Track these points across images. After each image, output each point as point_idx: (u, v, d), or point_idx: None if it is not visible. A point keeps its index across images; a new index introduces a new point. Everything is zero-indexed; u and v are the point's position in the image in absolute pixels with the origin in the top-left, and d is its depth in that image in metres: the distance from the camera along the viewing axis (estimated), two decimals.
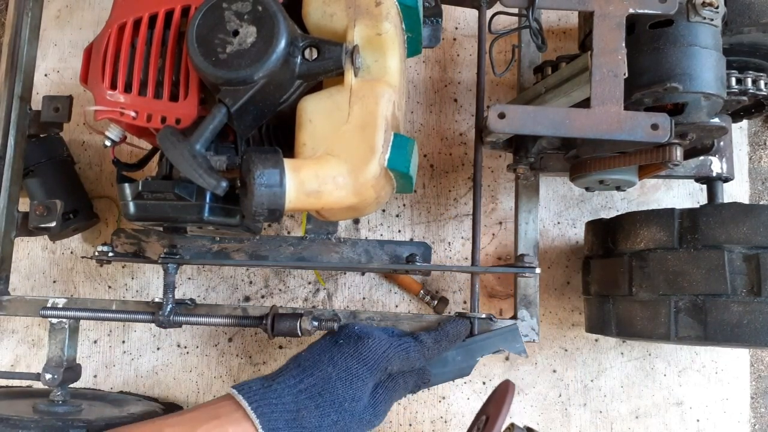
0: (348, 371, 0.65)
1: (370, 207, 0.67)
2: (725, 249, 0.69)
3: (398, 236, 0.96)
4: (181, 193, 0.64)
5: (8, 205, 0.80)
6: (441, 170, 0.97)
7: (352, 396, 0.64)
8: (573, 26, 0.98)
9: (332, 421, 0.63)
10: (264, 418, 0.61)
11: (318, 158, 0.61)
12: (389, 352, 0.67)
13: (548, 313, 0.94)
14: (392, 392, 0.68)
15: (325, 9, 0.65)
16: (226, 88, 0.61)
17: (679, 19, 0.69)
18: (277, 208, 0.58)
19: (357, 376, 0.65)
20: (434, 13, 0.81)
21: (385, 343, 0.68)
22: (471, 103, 0.98)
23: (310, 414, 0.63)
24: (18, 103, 0.83)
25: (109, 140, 0.69)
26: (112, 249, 0.80)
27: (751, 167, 0.98)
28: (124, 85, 0.65)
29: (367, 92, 0.63)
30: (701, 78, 0.68)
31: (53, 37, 1.03)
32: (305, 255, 0.80)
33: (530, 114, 0.67)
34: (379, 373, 0.67)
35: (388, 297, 0.95)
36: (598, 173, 0.78)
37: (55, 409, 0.76)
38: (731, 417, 0.90)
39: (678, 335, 0.70)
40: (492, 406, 0.70)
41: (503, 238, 0.95)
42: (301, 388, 0.64)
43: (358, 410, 0.65)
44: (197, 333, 0.95)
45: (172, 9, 0.65)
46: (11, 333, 0.97)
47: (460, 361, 0.74)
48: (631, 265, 0.74)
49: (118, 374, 0.95)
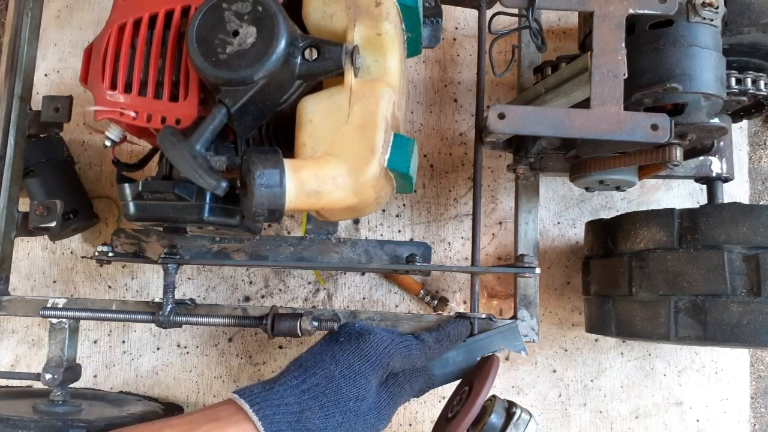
0: (351, 368, 0.64)
1: (370, 207, 0.67)
2: (725, 249, 0.69)
3: (398, 236, 0.96)
4: (181, 194, 0.64)
5: (8, 205, 0.80)
6: (441, 170, 0.97)
7: (356, 395, 0.64)
8: (573, 26, 0.98)
9: (337, 422, 0.62)
10: (266, 420, 0.60)
11: (318, 158, 0.61)
12: (391, 348, 0.67)
13: (548, 313, 0.94)
14: (397, 395, 0.68)
15: (325, 9, 0.65)
16: (226, 88, 0.61)
17: (679, 20, 0.69)
18: (277, 209, 0.58)
19: (360, 373, 0.64)
20: (434, 13, 0.81)
21: (387, 339, 0.67)
22: (471, 103, 0.98)
23: (314, 415, 0.62)
24: (18, 103, 0.83)
25: (109, 140, 0.69)
26: (112, 249, 0.80)
27: (751, 167, 0.98)
28: (124, 85, 0.65)
29: (367, 92, 0.63)
30: (701, 78, 0.68)
31: (53, 37, 1.03)
32: (305, 255, 0.80)
33: (530, 114, 0.67)
34: (382, 369, 0.66)
35: (388, 297, 0.95)
36: (598, 173, 0.78)
37: (55, 409, 0.76)
38: (731, 417, 0.90)
39: (678, 335, 0.70)
40: (476, 378, 0.70)
41: (503, 238, 0.96)
42: (304, 388, 0.63)
43: (362, 410, 0.64)
44: (197, 333, 0.95)
45: (172, 9, 0.65)
46: (11, 333, 0.97)
47: (460, 362, 0.74)
48: (631, 265, 0.74)
49: (118, 374, 0.95)
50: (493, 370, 0.69)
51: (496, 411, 0.67)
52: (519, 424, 0.67)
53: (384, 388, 0.67)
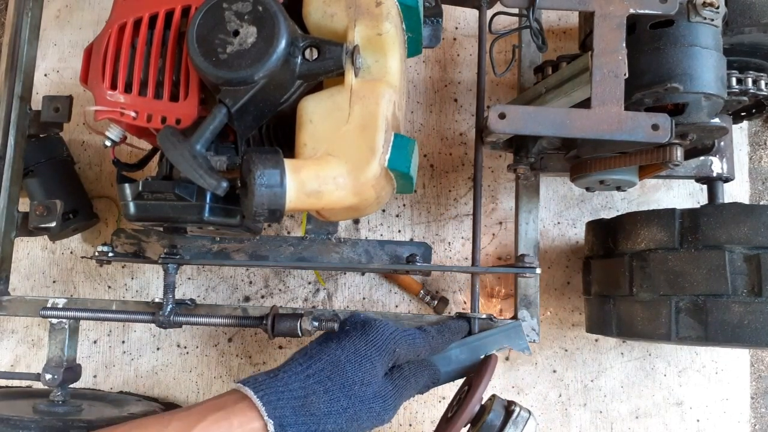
0: (357, 353, 0.64)
1: (371, 207, 0.67)
2: (726, 249, 0.69)
3: (398, 236, 0.96)
4: (181, 194, 0.64)
5: (8, 205, 0.80)
6: (441, 170, 0.97)
7: (362, 379, 0.63)
8: (573, 26, 0.98)
9: (342, 407, 0.62)
10: (270, 405, 0.60)
11: (318, 158, 0.61)
12: (396, 334, 0.67)
13: (548, 313, 0.94)
14: (402, 388, 0.67)
15: (325, 9, 0.65)
16: (226, 88, 0.61)
17: (680, 20, 0.69)
18: (277, 209, 0.58)
19: (366, 357, 0.64)
20: (434, 13, 0.81)
21: (392, 326, 0.68)
22: (471, 103, 0.98)
23: (318, 399, 0.61)
24: (18, 103, 0.82)
25: (109, 140, 0.69)
26: (112, 249, 0.80)
27: (752, 167, 0.98)
28: (124, 85, 0.65)
29: (368, 92, 0.63)
30: (702, 78, 0.68)
31: (53, 37, 1.03)
32: (305, 255, 0.80)
33: (531, 114, 0.67)
34: (388, 355, 0.66)
35: (388, 297, 0.95)
36: (598, 173, 0.78)
37: (55, 410, 0.76)
38: (731, 417, 0.90)
39: (679, 335, 0.70)
40: (474, 378, 0.70)
41: (503, 238, 0.95)
42: (309, 373, 0.63)
43: (368, 396, 0.63)
44: (197, 333, 0.95)
45: (172, 9, 0.65)
46: (11, 333, 0.97)
47: (464, 360, 0.74)
48: (632, 266, 0.74)
49: (118, 374, 0.95)
50: (490, 369, 0.69)
51: (494, 409, 0.67)
52: (518, 422, 0.67)
53: (389, 380, 0.67)
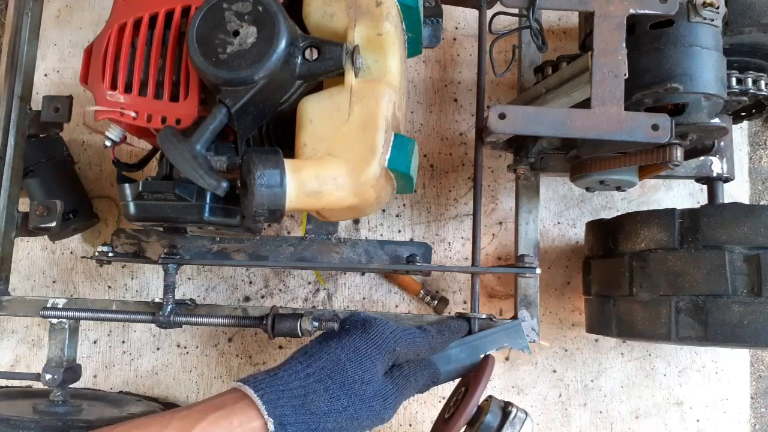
0: (357, 351, 0.64)
1: (371, 207, 0.67)
2: (726, 249, 0.69)
3: (398, 236, 0.96)
4: (181, 194, 0.64)
5: (8, 205, 0.80)
6: (441, 170, 0.97)
7: (362, 377, 0.63)
8: (573, 26, 0.98)
9: (342, 405, 0.62)
10: (270, 404, 0.59)
11: (318, 159, 0.61)
12: (396, 333, 0.67)
13: (548, 314, 0.93)
14: (402, 387, 0.67)
15: (325, 9, 0.65)
16: (226, 88, 0.61)
17: (680, 20, 0.69)
18: (277, 209, 0.58)
19: (366, 355, 0.64)
20: (434, 13, 0.81)
21: (392, 325, 0.68)
22: (471, 103, 0.98)
23: (319, 398, 0.61)
24: (18, 103, 0.82)
25: (109, 140, 0.69)
26: (112, 249, 0.80)
27: (752, 167, 0.98)
28: (124, 85, 0.65)
29: (368, 93, 0.63)
30: (702, 78, 0.68)
31: (53, 37, 1.03)
32: (305, 255, 0.80)
33: (531, 114, 0.67)
34: (388, 354, 0.66)
35: (388, 297, 0.95)
36: (598, 174, 0.78)
37: (55, 410, 0.76)
38: (731, 417, 0.90)
39: (679, 336, 0.70)
40: (471, 379, 0.70)
41: (503, 238, 0.95)
42: (309, 372, 0.63)
43: (368, 395, 0.63)
44: (197, 333, 0.95)
45: (172, 9, 0.65)
46: (11, 333, 0.97)
47: (464, 359, 0.74)
48: (632, 266, 0.74)
49: (118, 374, 0.95)
50: (488, 370, 0.69)
51: (492, 410, 0.67)
52: (515, 422, 0.67)
53: (389, 379, 0.67)
